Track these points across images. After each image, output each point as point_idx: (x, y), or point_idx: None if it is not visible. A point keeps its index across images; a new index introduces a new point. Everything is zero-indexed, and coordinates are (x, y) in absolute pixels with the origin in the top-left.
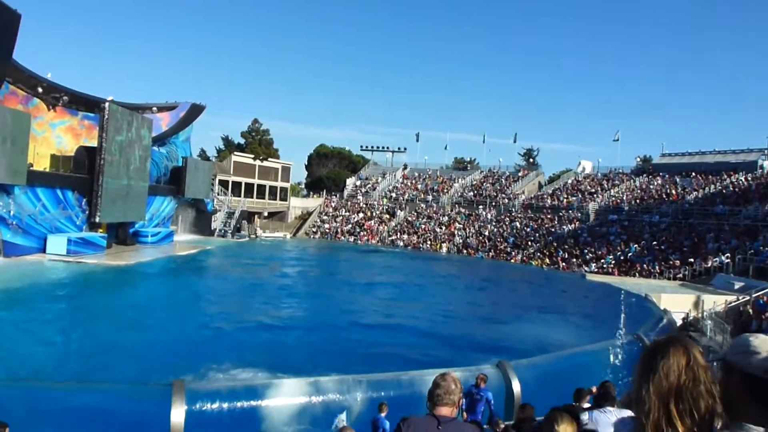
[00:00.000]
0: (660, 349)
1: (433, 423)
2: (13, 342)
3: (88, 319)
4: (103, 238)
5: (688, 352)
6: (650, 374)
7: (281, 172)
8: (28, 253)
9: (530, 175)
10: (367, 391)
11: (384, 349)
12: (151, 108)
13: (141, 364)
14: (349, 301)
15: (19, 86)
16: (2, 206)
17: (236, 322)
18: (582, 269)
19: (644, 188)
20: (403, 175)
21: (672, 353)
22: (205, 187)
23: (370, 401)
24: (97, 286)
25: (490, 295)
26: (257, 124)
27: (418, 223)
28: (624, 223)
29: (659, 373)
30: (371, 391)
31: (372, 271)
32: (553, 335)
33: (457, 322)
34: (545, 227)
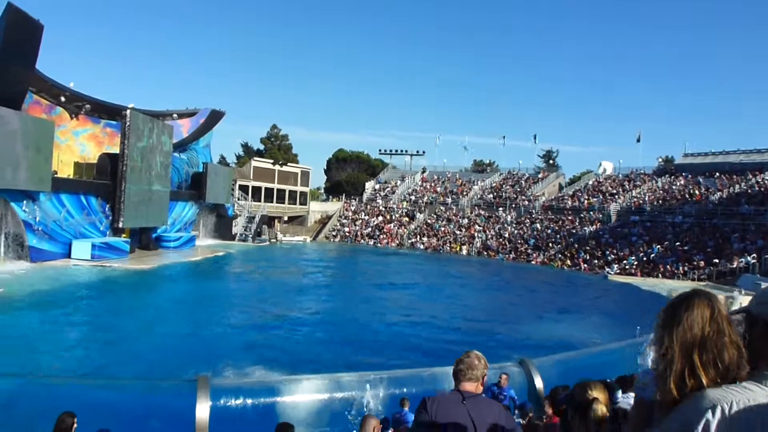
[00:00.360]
0: (684, 302)
1: (458, 398)
2: (43, 341)
3: (112, 320)
4: (126, 243)
5: (712, 305)
6: (674, 326)
7: (300, 176)
8: (53, 258)
9: (550, 176)
10: (389, 387)
11: (405, 347)
12: (171, 115)
13: (164, 361)
14: (370, 300)
15: (42, 95)
16: (28, 213)
17: (258, 322)
18: (604, 270)
19: (666, 189)
20: (422, 178)
21: (696, 305)
22: (226, 192)
23: (391, 398)
24: (121, 289)
25: (511, 295)
26: (276, 129)
27: (438, 226)
28: (646, 224)
29: (683, 325)
30: (393, 387)
31: (392, 272)
32: (576, 334)
33: (478, 321)
34: (566, 229)
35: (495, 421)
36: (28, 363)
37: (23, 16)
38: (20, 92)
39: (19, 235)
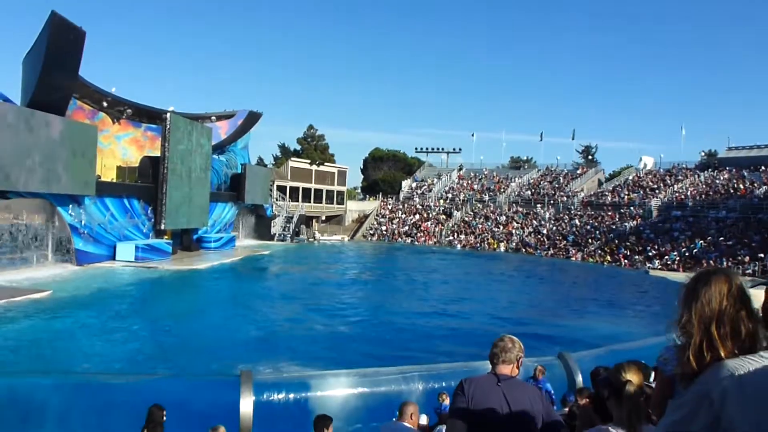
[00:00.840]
0: (702, 278)
1: (494, 380)
2: (93, 340)
3: (158, 319)
4: (169, 245)
5: (730, 280)
6: (693, 302)
7: (337, 176)
8: (99, 260)
9: (589, 172)
10: (428, 381)
11: (444, 342)
12: (210, 117)
13: (208, 357)
14: (408, 297)
15: (85, 101)
16: (74, 216)
17: (299, 318)
18: (645, 266)
19: (709, 183)
20: (458, 176)
21: (714, 281)
22: (264, 192)
23: (430, 392)
24: (165, 289)
25: (550, 291)
26: (312, 130)
27: (475, 223)
28: (688, 219)
29: (701, 300)
30: (431, 381)
31: (430, 269)
32: (616, 328)
33: (517, 316)
34: (606, 224)
35: (530, 403)
36: (80, 362)
37: (66, 24)
38: (64, 98)
39: (65, 239)
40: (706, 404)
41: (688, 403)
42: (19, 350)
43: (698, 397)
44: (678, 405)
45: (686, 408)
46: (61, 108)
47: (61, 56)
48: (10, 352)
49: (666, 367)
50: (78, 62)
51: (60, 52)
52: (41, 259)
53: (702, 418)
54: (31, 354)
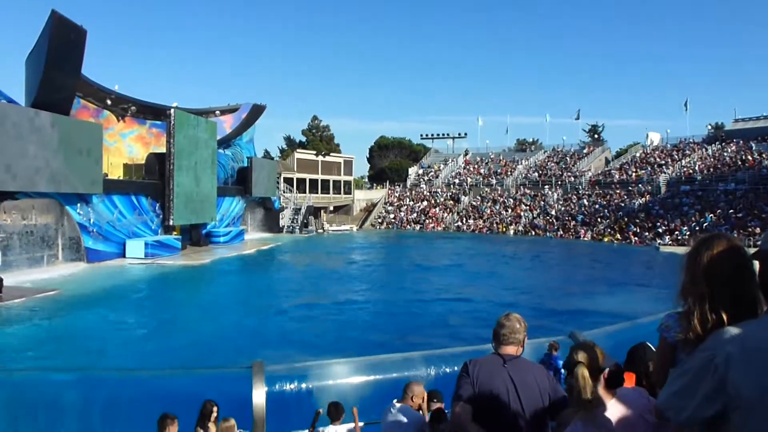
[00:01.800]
0: (703, 243)
1: (499, 361)
2: (106, 336)
3: (170, 314)
4: (178, 240)
5: (730, 244)
6: (693, 266)
7: (344, 166)
8: (109, 258)
9: (596, 151)
10: (441, 365)
11: (456, 325)
12: (214, 112)
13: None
14: (420, 282)
15: (89, 100)
16: (83, 215)
17: (310, 308)
18: (655, 242)
19: (717, 156)
20: (465, 161)
21: (715, 245)
22: (271, 185)
23: (443, 376)
24: (176, 285)
25: (560, 271)
26: (317, 120)
27: (483, 208)
28: (698, 193)
29: (701, 264)
30: (445, 365)
31: (440, 255)
32: (628, 306)
33: (528, 296)
34: (614, 203)
35: (536, 382)
36: (94, 357)
37: (67, 23)
38: (68, 97)
39: (75, 237)
40: (710, 370)
41: (692, 369)
42: (33, 348)
43: (702, 363)
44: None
45: (690, 374)
46: (66, 107)
47: (63, 55)
48: (24, 351)
49: (668, 333)
50: (80, 61)
51: (61, 51)
52: (52, 258)
53: (707, 384)
54: (44, 351)
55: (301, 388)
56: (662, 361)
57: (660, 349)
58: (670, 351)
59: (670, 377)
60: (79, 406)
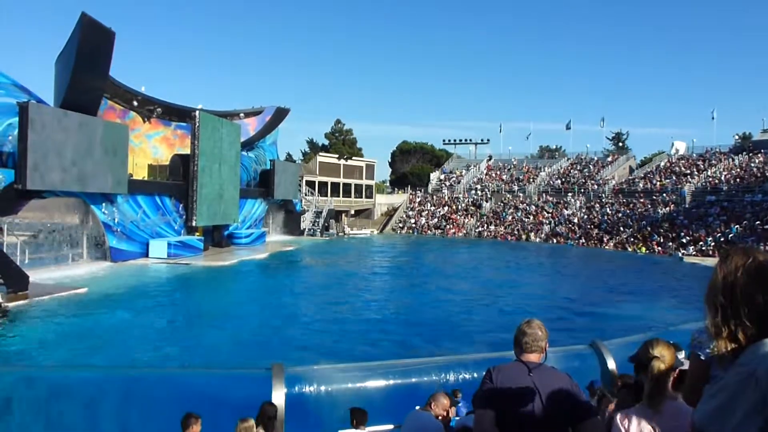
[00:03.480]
0: (733, 255)
1: (524, 370)
2: (129, 335)
3: (192, 314)
4: (200, 241)
5: (747, 255)
6: (723, 279)
7: (365, 170)
8: (132, 257)
9: (620, 159)
10: (460, 371)
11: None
12: (238, 114)
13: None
14: (441, 286)
15: (116, 101)
16: (107, 215)
17: (330, 312)
18: (679, 253)
19: (744, 167)
20: (487, 167)
21: (732, 256)
22: (293, 188)
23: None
24: (199, 285)
25: (582, 279)
26: (340, 124)
27: (505, 214)
28: (723, 204)
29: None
30: (464, 371)
31: (461, 260)
32: (651, 315)
33: (549, 305)
34: (638, 212)
35: (562, 390)
36: (114, 356)
37: (96, 25)
38: (96, 98)
39: (99, 237)
40: (751, 384)
41: (730, 385)
42: (58, 346)
43: (742, 378)
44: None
45: (728, 391)
46: (93, 108)
47: (92, 57)
48: (50, 348)
49: (701, 349)
50: (108, 62)
51: (90, 53)
52: (76, 257)
53: (747, 400)
54: (69, 349)
55: (320, 391)
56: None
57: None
58: (704, 368)
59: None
60: (102, 403)
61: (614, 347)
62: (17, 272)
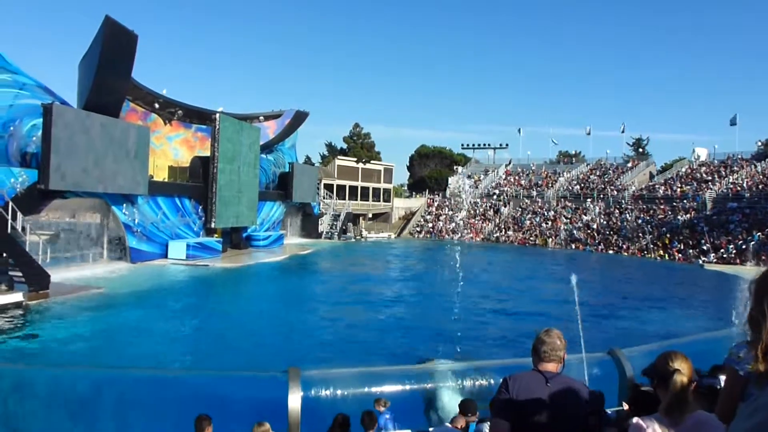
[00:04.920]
0: None
1: (541, 380)
2: (146, 334)
3: (210, 315)
4: (219, 243)
5: None
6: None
7: (383, 173)
8: (151, 258)
9: (640, 165)
10: (477, 377)
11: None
12: (258, 117)
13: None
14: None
15: (138, 103)
16: (128, 215)
17: (349, 315)
18: (699, 260)
19: (767, 173)
20: (506, 172)
21: None
22: (312, 191)
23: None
24: (217, 286)
25: (601, 286)
26: (358, 128)
27: (523, 219)
28: (745, 211)
29: None
30: (481, 378)
31: (479, 265)
32: (671, 324)
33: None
34: (658, 218)
35: (578, 400)
36: (132, 355)
37: (119, 28)
38: (118, 100)
39: (119, 237)
40: None
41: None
42: (74, 344)
43: None
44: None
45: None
46: (115, 110)
47: (115, 60)
48: (68, 347)
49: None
50: (131, 65)
51: (113, 55)
52: (97, 257)
53: None
54: (85, 348)
55: (336, 395)
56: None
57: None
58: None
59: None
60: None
61: (633, 355)
62: (39, 271)
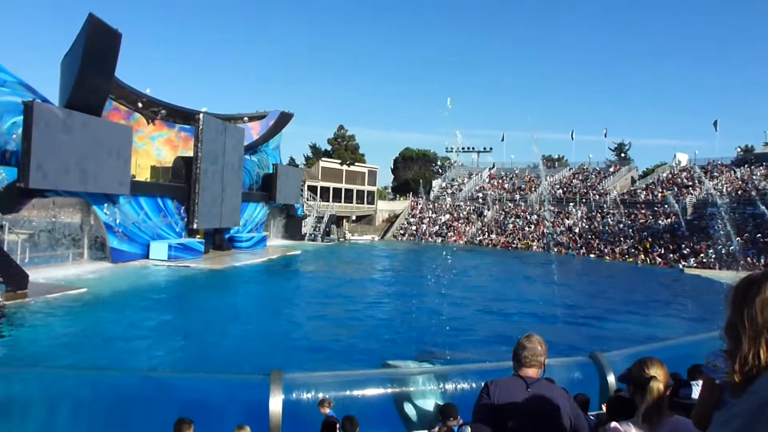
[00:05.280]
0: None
1: (522, 385)
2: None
3: (190, 317)
4: (201, 244)
5: None
6: (744, 308)
7: (368, 176)
8: (133, 258)
9: (622, 170)
10: (459, 381)
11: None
12: (242, 118)
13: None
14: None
15: (121, 102)
16: (109, 215)
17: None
18: (680, 264)
19: (746, 179)
20: (489, 175)
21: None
22: (295, 192)
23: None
24: (198, 288)
25: (582, 290)
26: (343, 130)
27: (507, 223)
28: (724, 216)
29: (754, 308)
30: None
31: (464, 269)
32: (651, 328)
33: (549, 314)
34: (639, 222)
35: (558, 406)
36: (112, 357)
37: (103, 26)
38: (101, 99)
39: (100, 237)
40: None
41: (743, 413)
42: (54, 346)
43: (755, 406)
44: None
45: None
46: (98, 109)
47: (98, 58)
48: (47, 348)
49: (715, 373)
50: (114, 64)
51: (97, 53)
52: (77, 257)
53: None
54: (66, 350)
55: (318, 398)
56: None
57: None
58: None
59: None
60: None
61: (613, 359)
62: (17, 271)
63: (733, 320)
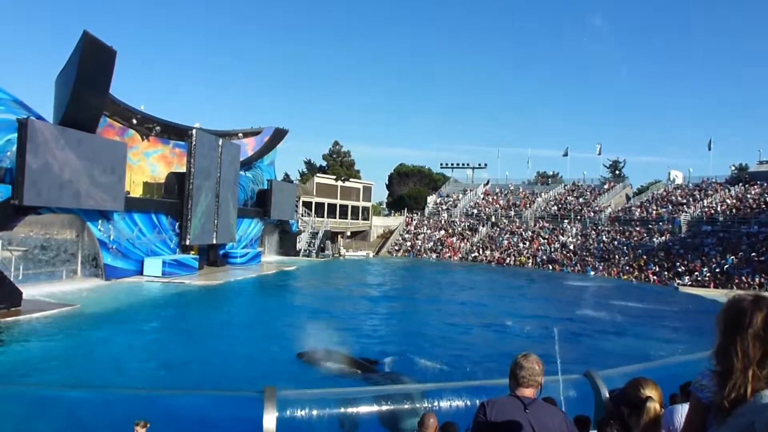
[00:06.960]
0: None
1: (519, 405)
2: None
3: (184, 334)
4: (195, 260)
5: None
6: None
7: (362, 192)
8: (127, 275)
9: (617, 187)
10: (454, 398)
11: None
12: (237, 134)
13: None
14: (440, 311)
15: (115, 119)
16: (103, 232)
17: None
18: (674, 282)
19: (740, 198)
20: (484, 191)
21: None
22: (290, 208)
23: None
24: (192, 305)
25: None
26: (338, 146)
27: (501, 239)
28: (719, 235)
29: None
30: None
31: (458, 285)
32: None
33: (543, 331)
34: (634, 240)
35: (556, 428)
36: (106, 375)
37: (98, 44)
38: (95, 116)
39: (94, 254)
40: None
41: None
42: (47, 363)
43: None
44: None
45: None
46: (92, 125)
47: (93, 75)
48: (39, 366)
49: (702, 393)
50: (109, 81)
51: (91, 71)
52: (71, 273)
53: None
54: (59, 367)
55: (312, 415)
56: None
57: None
58: (703, 412)
59: None
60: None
61: (609, 377)
62: (11, 288)
63: (725, 345)
